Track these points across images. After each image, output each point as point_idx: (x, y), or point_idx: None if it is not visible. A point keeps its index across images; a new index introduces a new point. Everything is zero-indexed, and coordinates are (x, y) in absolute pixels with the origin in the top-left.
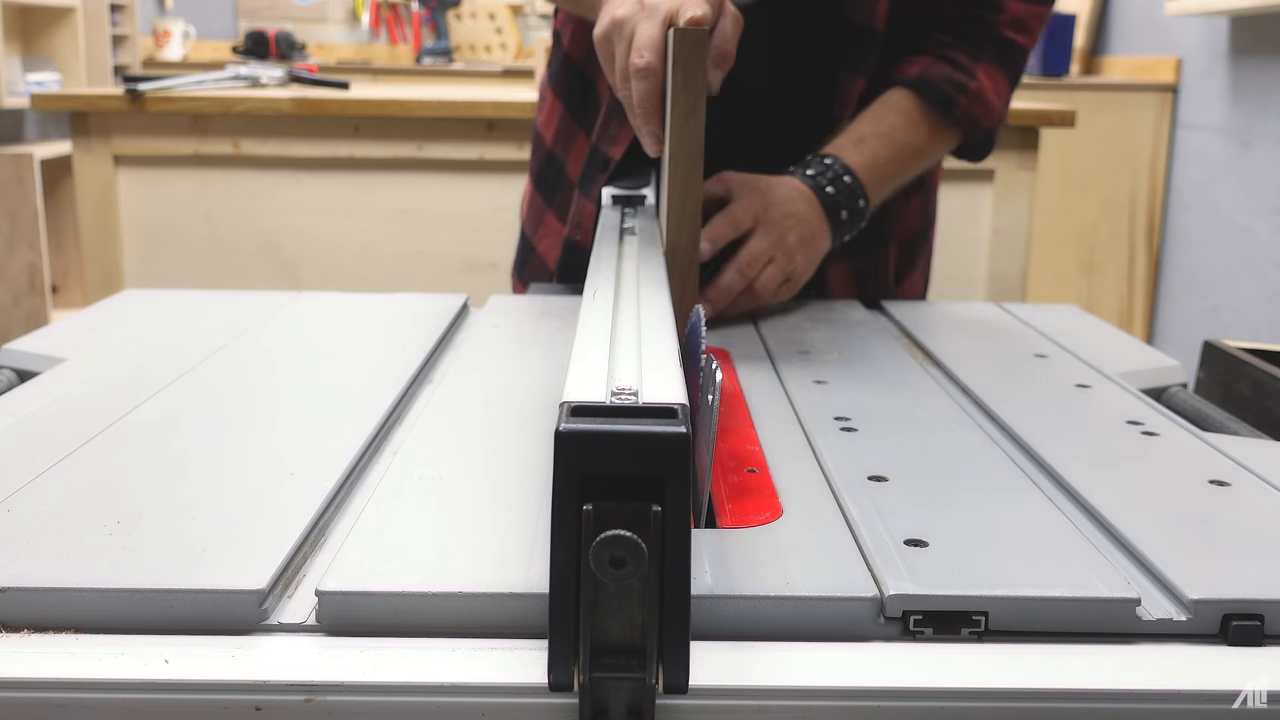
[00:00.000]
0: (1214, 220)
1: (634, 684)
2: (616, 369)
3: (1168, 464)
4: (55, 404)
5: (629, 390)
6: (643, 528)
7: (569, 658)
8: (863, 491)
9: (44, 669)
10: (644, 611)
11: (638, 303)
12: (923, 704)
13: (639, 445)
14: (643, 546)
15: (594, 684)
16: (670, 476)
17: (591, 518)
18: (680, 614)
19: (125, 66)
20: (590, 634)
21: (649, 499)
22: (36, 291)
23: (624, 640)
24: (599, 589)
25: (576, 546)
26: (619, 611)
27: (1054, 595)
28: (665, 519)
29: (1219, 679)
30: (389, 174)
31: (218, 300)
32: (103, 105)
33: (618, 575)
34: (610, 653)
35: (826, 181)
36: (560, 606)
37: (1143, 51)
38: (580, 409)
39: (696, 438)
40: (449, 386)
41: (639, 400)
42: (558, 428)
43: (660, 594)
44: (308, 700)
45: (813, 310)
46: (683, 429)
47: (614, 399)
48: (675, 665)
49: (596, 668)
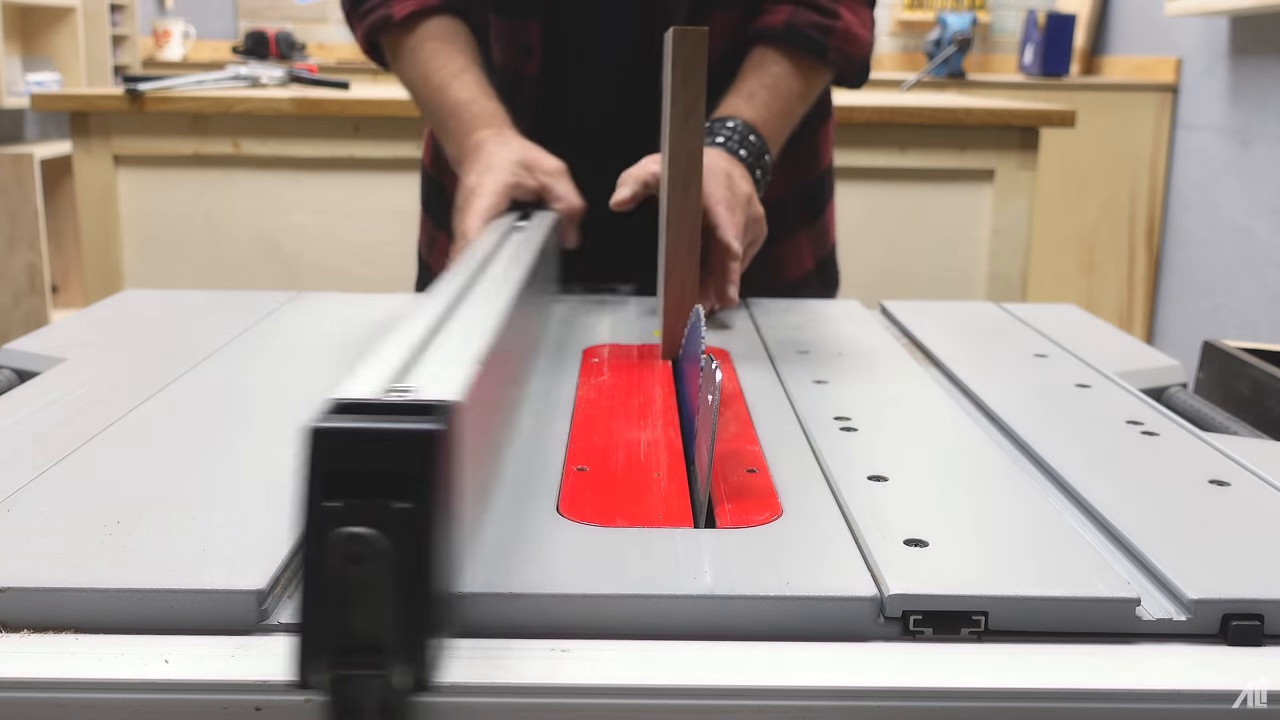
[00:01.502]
0: (1214, 220)
1: (382, 682)
2: (416, 365)
3: (1168, 464)
4: (55, 404)
5: (405, 387)
6: (388, 525)
7: (317, 654)
8: (863, 491)
9: (44, 669)
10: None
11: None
12: (923, 704)
13: (386, 442)
14: (380, 543)
15: (341, 681)
16: (418, 474)
17: (336, 514)
18: (425, 612)
19: (125, 66)
20: (336, 631)
21: (398, 496)
22: (36, 291)
23: (374, 638)
24: (346, 586)
25: (320, 543)
26: (369, 609)
27: (1054, 595)
28: (412, 516)
29: (1219, 679)
30: (389, 174)
31: (218, 300)
32: (103, 105)
33: (355, 572)
34: (360, 650)
35: (738, 144)
36: (307, 603)
37: (1143, 51)
38: (344, 406)
39: (697, 438)
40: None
41: (413, 397)
42: (309, 424)
43: (406, 592)
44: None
45: (813, 310)
46: (433, 426)
47: (388, 395)
48: (419, 663)
49: (343, 665)
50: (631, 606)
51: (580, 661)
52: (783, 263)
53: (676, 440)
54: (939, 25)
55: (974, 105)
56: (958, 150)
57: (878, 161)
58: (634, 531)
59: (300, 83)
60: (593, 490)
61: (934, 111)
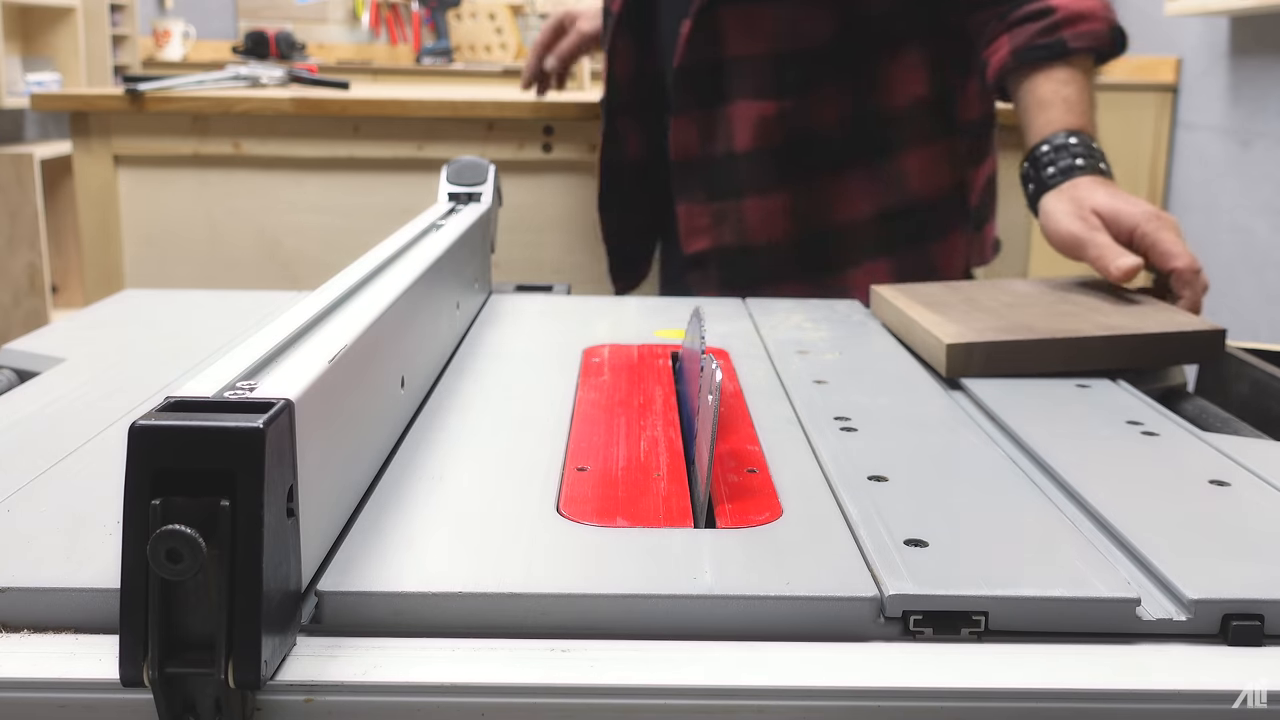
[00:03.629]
0: (1214, 220)
1: (213, 680)
2: (272, 364)
3: (1168, 464)
4: (55, 404)
5: (246, 385)
6: (208, 523)
7: (139, 653)
8: (863, 491)
9: (44, 669)
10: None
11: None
12: (923, 704)
13: (209, 440)
14: (199, 541)
15: (169, 679)
16: (240, 471)
17: (158, 512)
18: (250, 609)
19: (125, 66)
20: (161, 629)
21: (221, 494)
22: (36, 291)
23: (204, 636)
24: (172, 585)
25: (143, 541)
26: (198, 607)
27: (1054, 595)
28: (235, 514)
29: (1219, 679)
30: (389, 174)
31: (218, 300)
32: (103, 105)
33: (175, 570)
34: (189, 648)
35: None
36: (130, 601)
37: (1143, 51)
38: (176, 404)
39: (697, 438)
40: (448, 386)
41: (248, 396)
42: (132, 422)
43: (230, 589)
44: (308, 700)
45: (813, 310)
46: (256, 424)
47: (224, 394)
48: (245, 660)
49: (171, 663)
50: (631, 606)
51: (580, 661)
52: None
53: (676, 440)
54: None
55: None
56: None
57: None
58: (634, 531)
59: (300, 83)
60: (593, 490)
61: None
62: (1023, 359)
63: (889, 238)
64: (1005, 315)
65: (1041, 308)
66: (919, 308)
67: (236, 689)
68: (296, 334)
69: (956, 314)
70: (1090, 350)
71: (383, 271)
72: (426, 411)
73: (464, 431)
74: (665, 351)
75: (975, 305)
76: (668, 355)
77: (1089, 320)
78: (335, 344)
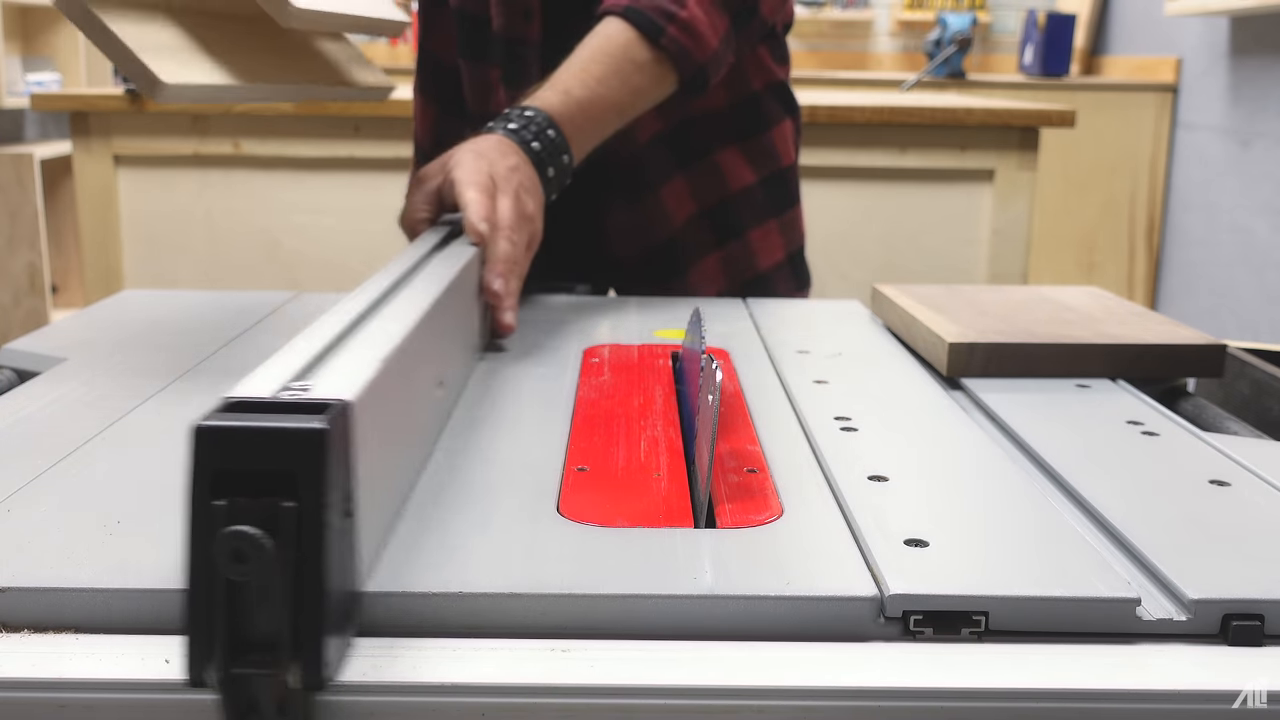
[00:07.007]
0: (1214, 220)
1: (278, 681)
2: (320, 365)
3: (1168, 464)
4: (55, 404)
5: (302, 386)
6: (274, 524)
7: (205, 653)
8: (863, 491)
9: (44, 669)
10: (279, 607)
11: (400, 305)
12: (923, 704)
13: (271, 441)
14: (264, 542)
15: (233, 680)
16: (303, 472)
17: (222, 513)
18: (315, 610)
19: None
20: (226, 630)
21: (285, 495)
22: (36, 291)
23: (267, 636)
24: (236, 585)
25: (208, 542)
26: (262, 607)
27: (1054, 595)
28: (299, 515)
29: (1219, 679)
30: (389, 174)
31: (218, 300)
32: (103, 105)
33: (241, 571)
34: (253, 649)
35: (531, 136)
36: (195, 602)
37: (1143, 51)
38: (234, 405)
39: (697, 438)
40: (448, 387)
41: (306, 396)
42: (194, 422)
43: (294, 590)
44: None
45: (813, 310)
46: (319, 425)
47: (283, 394)
48: (311, 662)
49: (236, 664)
50: (631, 606)
51: (580, 661)
52: (754, 250)
53: (676, 440)
54: (939, 25)
55: (974, 105)
56: (958, 150)
57: (878, 161)
58: (634, 531)
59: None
60: (593, 490)
61: (934, 112)
62: (1023, 362)
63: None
64: (1007, 319)
65: (1043, 314)
66: (921, 307)
67: (301, 690)
68: (340, 335)
69: (959, 315)
70: (1090, 358)
71: (415, 272)
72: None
73: (463, 431)
74: (665, 351)
75: (978, 308)
76: (668, 355)
77: (1090, 329)
78: (380, 345)
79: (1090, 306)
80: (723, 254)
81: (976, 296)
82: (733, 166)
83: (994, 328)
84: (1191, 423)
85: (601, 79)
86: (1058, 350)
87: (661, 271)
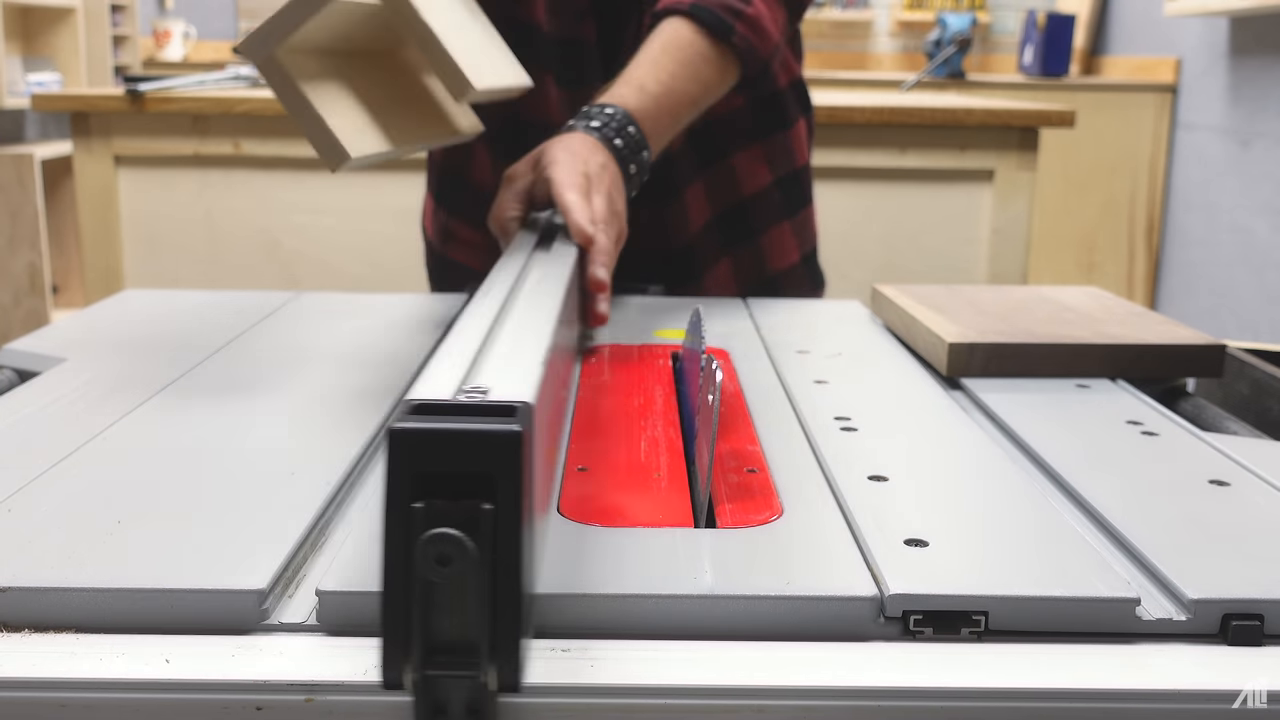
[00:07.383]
0: (1214, 220)
1: (470, 682)
2: (480, 367)
3: (1168, 464)
4: (55, 404)
5: (479, 389)
6: (473, 526)
7: (401, 655)
8: (863, 491)
9: (44, 669)
10: (478, 610)
11: (530, 305)
12: (923, 704)
13: (469, 443)
14: (467, 544)
15: (427, 682)
16: (500, 474)
17: (421, 515)
18: (512, 612)
19: (126, 67)
20: (423, 632)
21: (482, 497)
22: (36, 291)
23: (460, 638)
24: (432, 587)
25: (407, 544)
26: (455, 610)
27: (1054, 595)
28: (496, 517)
29: (1219, 679)
30: (389, 174)
31: (217, 300)
32: (103, 105)
33: (444, 573)
34: (445, 651)
35: (613, 133)
36: (391, 604)
37: (1142, 51)
38: (421, 407)
39: (697, 438)
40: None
41: (486, 399)
42: (390, 425)
43: (492, 592)
44: (308, 700)
45: (813, 310)
46: (514, 427)
47: (461, 397)
48: (507, 664)
49: (430, 666)
50: (631, 606)
51: (580, 661)
52: (767, 253)
53: (676, 440)
54: (939, 25)
55: (974, 105)
56: (957, 150)
57: (878, 161)
58: (634, 531)
59: None
60: (593, 490)
61: (934, 112)
62: (1023, 362)
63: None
64: (1007, 319)
65: (1043, 314)
66: (921, 307)
67: (498, 691)
68: (486, 337)
69: (959, 315)
70: (1090, 358)
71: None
72: None
73: None
74: (665, 351)
75: (978, 308)
76: (668, 355)
77: (1090, 329)
78: (536, 347)
79: (1090, 306)
80: (735, 258)
81: (976, 296)
82: (749, 168)
83: (994, 328)
84: (1191, 423)
85: (674, 74)
86: (1057, 350)
87: (677, 274)
